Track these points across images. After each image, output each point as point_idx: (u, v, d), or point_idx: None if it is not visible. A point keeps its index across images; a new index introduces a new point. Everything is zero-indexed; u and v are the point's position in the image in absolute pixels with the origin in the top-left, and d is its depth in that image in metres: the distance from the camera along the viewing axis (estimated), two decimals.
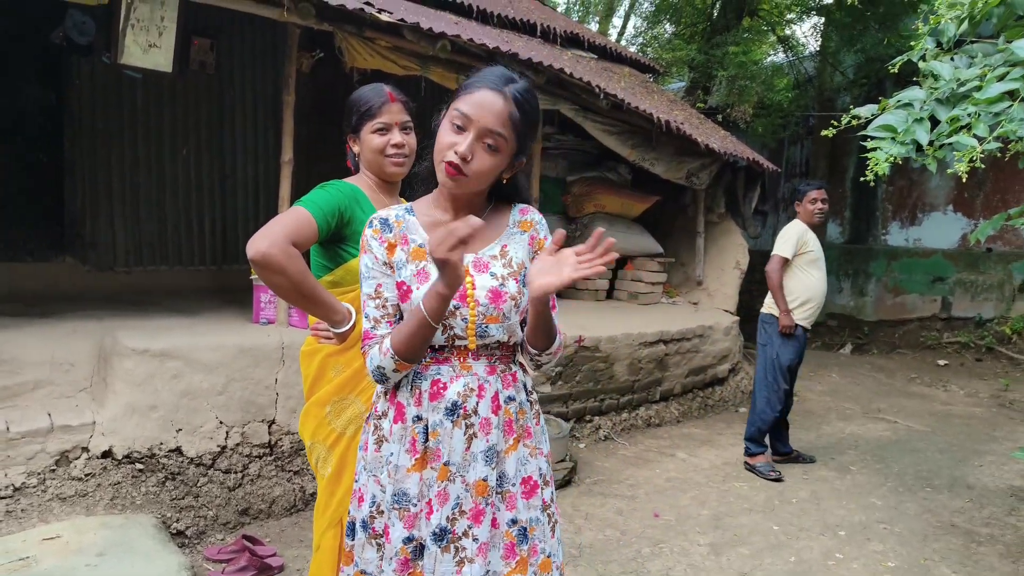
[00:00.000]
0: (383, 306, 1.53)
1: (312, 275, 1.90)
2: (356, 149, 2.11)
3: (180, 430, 3.21)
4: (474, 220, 1.32)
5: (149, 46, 4.59)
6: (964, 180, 2.35)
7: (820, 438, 5.24)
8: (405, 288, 1.51)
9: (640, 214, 6.79)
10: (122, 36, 4.38)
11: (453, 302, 1.46)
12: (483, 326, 1.50)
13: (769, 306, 4.46)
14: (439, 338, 1.50)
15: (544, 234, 1.62)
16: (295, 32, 3.90)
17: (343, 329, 1.89)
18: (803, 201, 4.54)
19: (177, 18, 4.36)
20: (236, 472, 3.33)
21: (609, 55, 7.42)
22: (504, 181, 1.56)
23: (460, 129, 1.44)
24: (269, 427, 3.45)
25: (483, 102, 1.43)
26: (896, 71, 3.24)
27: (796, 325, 4.33)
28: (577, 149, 6.70)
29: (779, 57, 11.92)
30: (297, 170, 4.06)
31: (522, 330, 1.57)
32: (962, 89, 2.53)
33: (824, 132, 3.68)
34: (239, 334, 3.63)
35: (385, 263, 1.53)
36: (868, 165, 2.93)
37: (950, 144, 2.45)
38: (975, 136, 2.30)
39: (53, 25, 4.67)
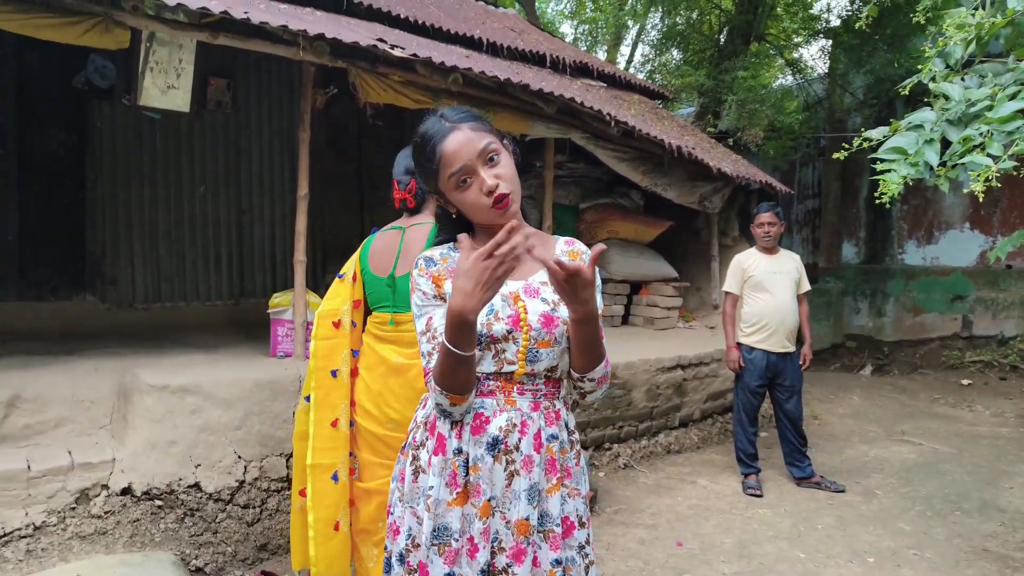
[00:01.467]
0: (433, 338, 1.51)
1: None
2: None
3: (199, 465, 3.22)
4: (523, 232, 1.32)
5: (168, 87, 4.70)
6: (981, 199, 2.34)
7: (844, 462, 5.15)
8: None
9: (654, 239, 6.79)
10: (141, 78, 4.50)
11: (506, 326, 1.48)
12: (535, 351, 1.50)
13: (737, 335, 4.66)
14: (488, 364, 1.50)
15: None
16: (310, 70, 3.98)
17: None
18: (753, 224, 4.67)
19: (194, 60, 4.48)
20: (254, 507, 3.33)
21: (618, 83, 7.49)
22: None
23: (465, 181, 1.47)
24: (287, 461, 3.45)
25: (454, 148, 1.46)
26: (906, 92, 3.24)
27: (753, 348, 4.54)
28: (589, 176, 6.73)
29: (788, 80, 11.97)
30: (312, 203, 4.12)
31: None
32: (973, 109, 2.53)
33: (836, 155, 3.68)
34: (256, 368, 3.65)
35: (435, 296, 1.53)
36: (880, 187, 2.92)
37: (963, 164, 2.44)
38: (989, 155, 2.29)
39: (76, 70, 4.81)
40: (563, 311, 1.51)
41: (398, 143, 6.67)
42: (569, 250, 1.64)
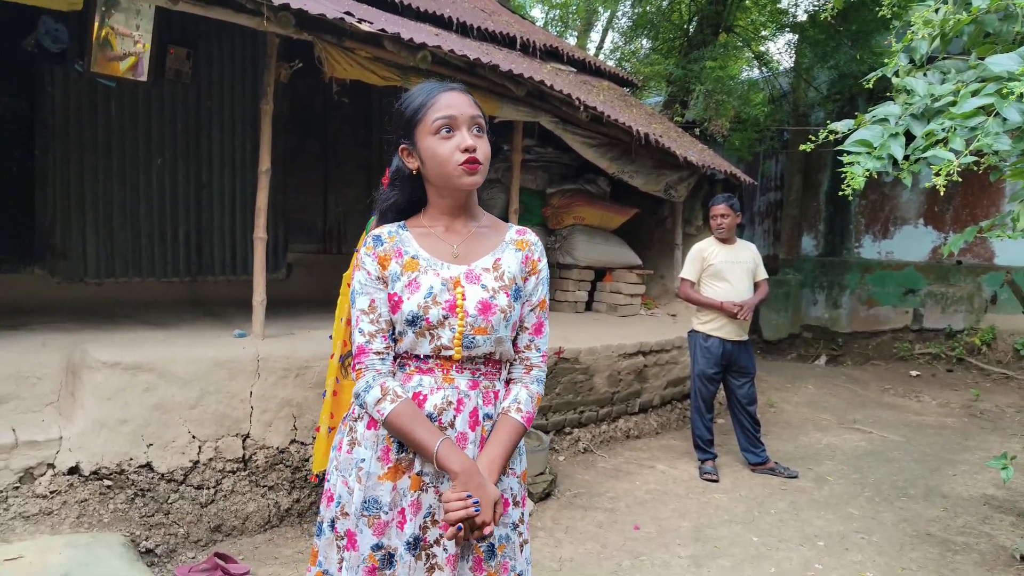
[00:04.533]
0: (376, 320, 1.54)
1: None
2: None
3: (151, 445, 3.13)
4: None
5: (124, 54, 4.52)
6: (941, 193, 2.38)
7: (798, 449, 5.27)
8: (396, 299, 1.52)
9: (619, 226, 6.82)
10: (96, 44, 4.32)
11: (442, 312, 1.49)
12: (470, 337, 1.51)
13: (693, 323, 4.74)
14: (425, 347, 1.52)
15: (539, 255, 1.63)
16: (274, 42, 3.87)
17: None
18: (709, 216, 4.70)
19: (153, 26, 4.31)
20: (209, 488, 3.26)
21: (588, 69, 7.47)
22: None
23: (449, 131, 1.50)
24: (243, 441, 3.38)
25: (452, 101, 1.52)
26: (870, 87, 3.29)
27: (709, 336, 4.62)
28: (557, 162, 6.72)
29: (755, 73, 12.11)
30: (274, 180, 4.02)
31: (514, 349, 1.61)
32: (936, 104, 2.57)
33: (802, 147, 3.72)
34: (214, 346, 3.56)
35: (378, 278, 1.55)
36: (844, 180, 2.96)
37: (925, 158, 2.48)
38: (951, 150, 2.33)
39: (26, 32, 4.58)
40: (501, 299, 1.52)
41: (365, 121, 6.55)
42: (519, 239, 1.63)
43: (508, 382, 1.63)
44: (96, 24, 4.26)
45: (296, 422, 3.55)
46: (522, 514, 1.63)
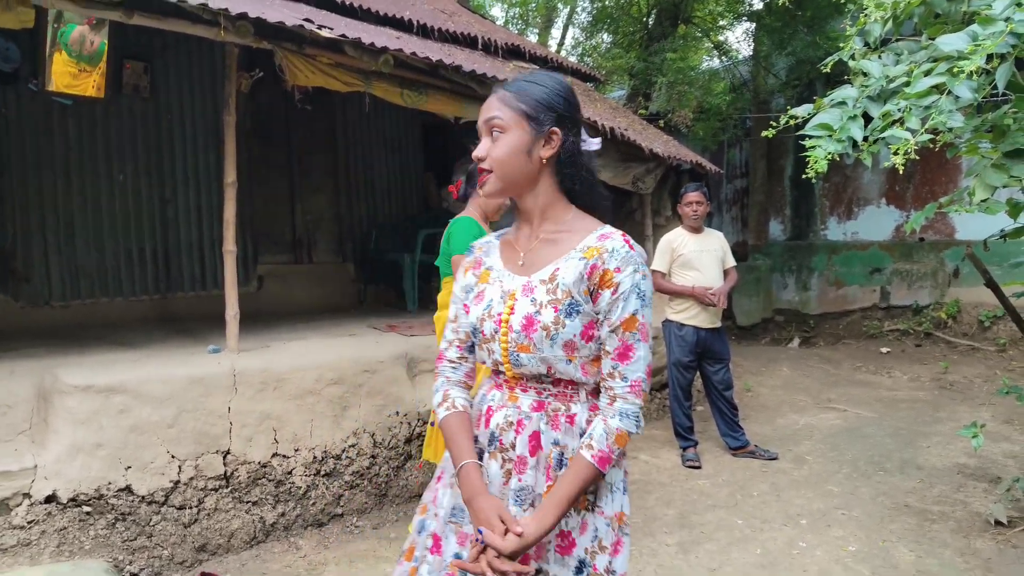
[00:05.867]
0: (456, 330, 1.56)
1: None
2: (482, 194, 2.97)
3: (129, 467, 3.08)
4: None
5: (79, 71, 4.43)
6: (900, 172, 2.44)
7: (776, 430, 5.36)
8: (466, 310, 1.52)
9: None
10: (49, 62, 4.23)
11: (494, 325, 1.44)
12: (515, 354, 1.41)
13: (667, 313, 4.80)
14: (488, 361, 1.49)
15: (617, 264, 1.37)
16: (233, 52, 3.82)
17: None
18: (681, 204, 4.76)
19: (108, 41, 4.23)
20: (191, 507, 3.21)
21: (550, 66, 7.49)
22: (543, 160, 1.43)
23: (478, 141, 1.49)
24: (224, 457, 3.34)
25: (484, 106, 1.47)
26: (827, 71, 3.36)
27: (683, 325, 4.69)
28: None
29: (715, 62, 12.25)
30: (240, 191, 3.97)
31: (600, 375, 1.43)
32: (892, 85, 2.63)
33: (764, 133, 3.78)
34: (188, 364, 3.51)
35: (464, 288, 1.56)
36: (807, 163, 3.02)
37: (884, 138, 2.54)
38: (908, 129, 2.39)
39: None
40: (546, 315, 1.37)
41: (329, 127, 6.50)
42: (592, 246, 1.41)
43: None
44: (48, 42, 4.17)
45: (277, 435, 3.52)
46: (606, 563, 1.41)
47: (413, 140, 7.08)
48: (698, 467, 4.54)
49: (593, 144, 1.53)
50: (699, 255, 4.64)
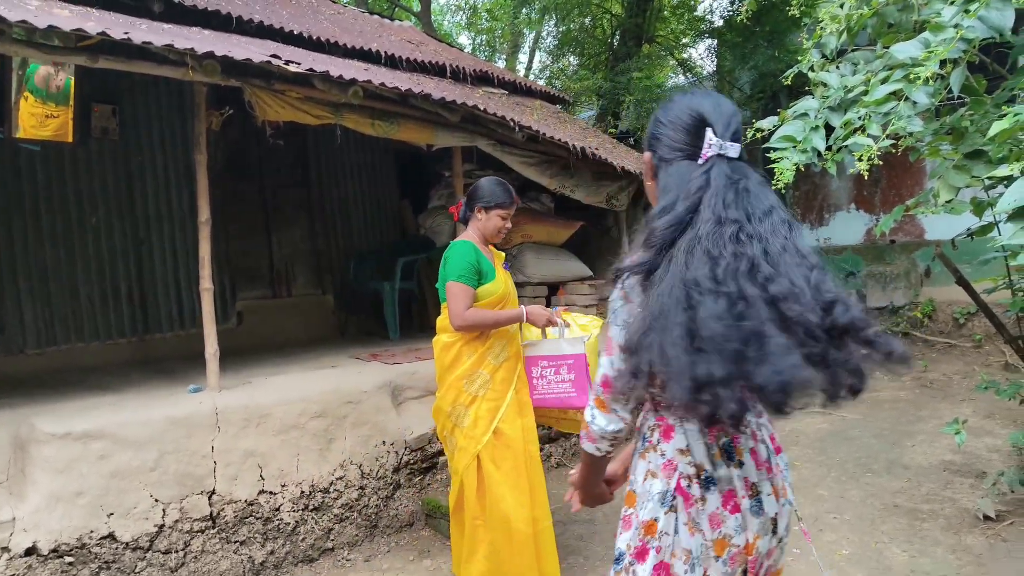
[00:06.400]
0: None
1: (489, 312, 2.97)
2: (480, 216, 3.10)
3: (111, 514, 3.02)
4: None
5: (46, 117, 4.41)
6: (866, 177, 2.51)
7: None
8: None
9: (567, 240, 6.90)
10: (16, 109, 4.21)
11: None
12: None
13: None
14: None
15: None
16: (202, 90, 3.83)
17: (524, 320, 3.04)
18: None
19: (73, 79, 4.22)
20: (177, 551, 3.15)
21: (519, 90, 7.58)
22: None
23: None
24: (209, 498, 3.29)
25: None
26: (788, 83, 3.44)
27: None
28: None
29: (680, 79, 12.47)
30: (215, 228, 3.96)
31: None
32: (851, 95, 2.70)
33: None
34: (169, 405, 3.46)
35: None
36: (775, 175, 3.08)
37: (847, 146, 2.61)
38: (870, 136, 2.45)
39: None
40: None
41: (301, 160, 6.51)
42: None
43: None
44: (14, 88, 4.15)
45: (262, 472, 3.47)
46: (620, 532, 1.56)
47: (387, 169, 7.11)
48: None
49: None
50: None
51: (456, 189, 5.47)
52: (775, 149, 3.16)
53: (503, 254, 3.39)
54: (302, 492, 3.58)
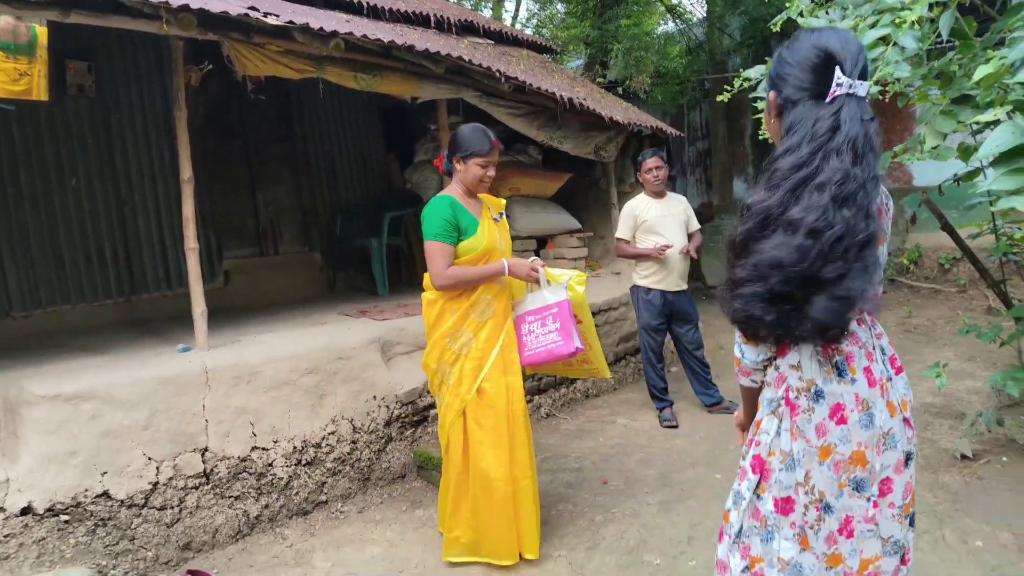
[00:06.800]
0: None
1: (470, 268, 2.90)
2: (459, 167, 2.97)
3: (105, 473, 3.05)
4: None
5: (19, 75, 4.30)
6: None
7: None
8: None
9: (555, 193, 6.86)
10: None
11: None
12: None
13: (634, 279, 4.86)
14: None
15: None
16: (179, 45, 3.73)
17: (507, 274, 2.96)
18: (641, 171, 4.78)
19: (48, 42, 4.09)
20: (172, 507, 3.20)
21: (506, 39, 7.43)
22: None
23: None
24: (202, 455, 3.33)
25: None
26: (778, 29, 3.38)
27: (650, 289, 4.74)
28: None
29: (670, 26, 12.23)
30: (198, 186, 3.91)
31: None
32: None
33: (720, 97, 3.81)
34: (158, 365, 3.47)
35: None
36: (762, 124, 3.05)
37: None
38: None
39: None
40: None
41: (285, 115, 6.40)
42: None
43: None
44: None
45: (254, 428, 3.51)
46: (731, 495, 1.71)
47: (372, 123, 7.00)
48: (675, 427, 4.63)
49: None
50: (662, 220, 4.69)
51: (442, 143, 5.40)
52: (762, 98, 3.13)
53: (502, 202, 3.25)
54: (294, 447, 3.62)
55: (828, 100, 1.43)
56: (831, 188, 1.37)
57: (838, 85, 1.41)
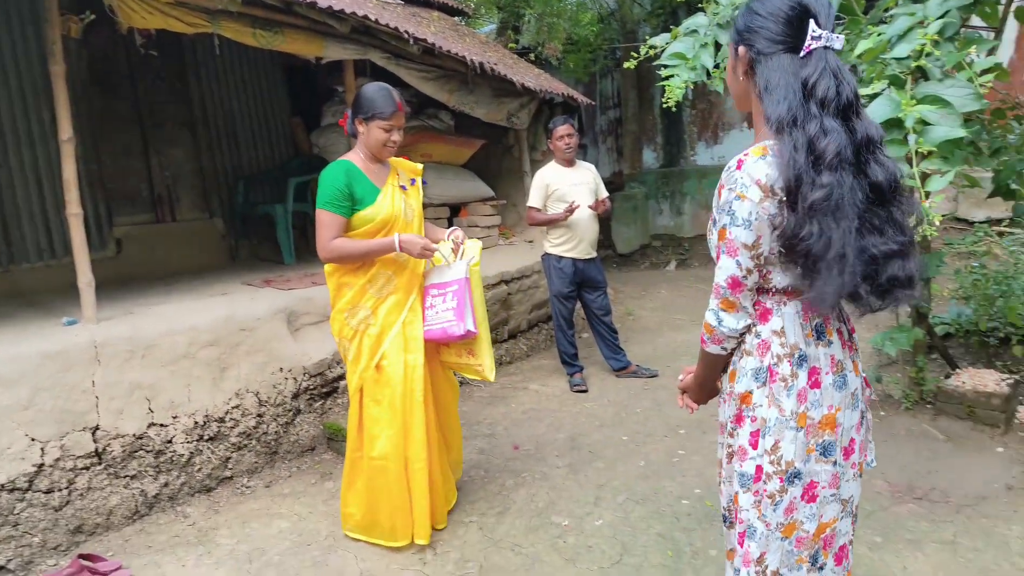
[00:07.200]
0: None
1: (358, 241, 2.78)
2: (361, 129, 2.84)
3: None
4: None
5: None
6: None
7: (656, 349, 5.66)
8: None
9: (468, 160, 6.80)
10: None
11: None
12: None
13: (545, 247, 4.92)
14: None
15: (721, 181, 1.59)
16: None
17: (397, 250, 2.79)
18: (552, 139, 4.82)
19: None
20: (60, 490, 3.03)
21: (417, 0, 7.23)
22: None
23: None
24: (93, 434, 3.15)
25: None
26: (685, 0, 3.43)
27: (561, 257, 4.81)
28: None
29: None
30: (83, 148, 3.63)
31: None
32: (736, 12, 2.72)
33: (627, 64, 3.85)
34: (41, 339, 3.25)
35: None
36: (666, 92, 3.11)
37: None
38: None
39: None
40: None
41: (180, 74, 6.02)
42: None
43: None
44: None
45: (151, 404, 3.35)
46: (733, 429, 1.63)
47: (276, 83, 6.68)
48: (585, 391, 4.75)
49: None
50: (572, 188, 4.74)
51: (349, 105, 5.22)
52: (666, 66, 3.18)
53: (417, 167, 3.12)
54: (196, 423, 3.49)
55: (803, 54, 1.42)
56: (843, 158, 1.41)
57: (814, 38, 1.40)
